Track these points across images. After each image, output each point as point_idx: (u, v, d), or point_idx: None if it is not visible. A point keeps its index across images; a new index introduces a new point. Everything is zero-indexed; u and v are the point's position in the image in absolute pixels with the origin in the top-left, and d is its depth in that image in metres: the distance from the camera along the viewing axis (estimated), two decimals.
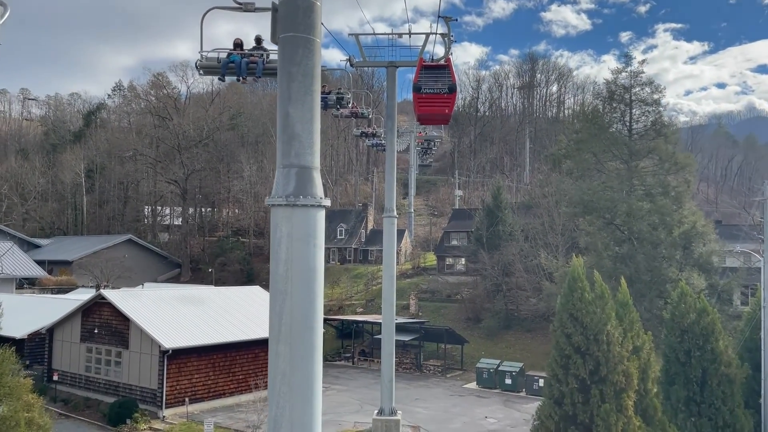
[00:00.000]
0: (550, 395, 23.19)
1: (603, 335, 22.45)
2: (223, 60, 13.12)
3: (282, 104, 7.94)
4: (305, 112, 7.84)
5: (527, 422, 32.64)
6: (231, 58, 13.04)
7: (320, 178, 8.03)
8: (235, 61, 13.02)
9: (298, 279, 7.61)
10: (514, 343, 48.59)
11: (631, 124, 39.31)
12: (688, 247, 36.54)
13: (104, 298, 35.72)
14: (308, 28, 7.89)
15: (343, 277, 68.05)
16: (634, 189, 38.22)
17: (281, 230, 7.70)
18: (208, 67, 13.24)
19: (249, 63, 12.89)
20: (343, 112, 26.14)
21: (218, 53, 13.11)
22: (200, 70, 13.39)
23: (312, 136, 7.89)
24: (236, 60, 13.03)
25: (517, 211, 58.32)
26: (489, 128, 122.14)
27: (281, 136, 7.91)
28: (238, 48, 13.25)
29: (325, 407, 32.50)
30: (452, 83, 19.54)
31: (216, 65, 13.21)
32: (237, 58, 13.02)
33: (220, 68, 13.17)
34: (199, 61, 13.21)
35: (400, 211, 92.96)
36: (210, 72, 13.42)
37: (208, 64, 13.18)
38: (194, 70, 13.30)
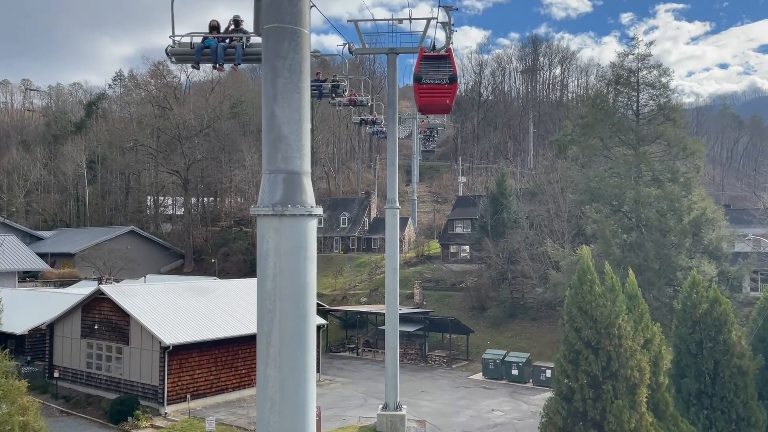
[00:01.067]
0: (559, 391, 22.57)
1: (614, 329, 21.79)
2: (197, 45, 11.56)
3: (267, 103, 7.21)
4: (293, 111, 7.11)
5: (534, 415, 32.12)
6: (206, 43, 11.52)
7: (311, 184, 7.31)
8: (211, 45, 11.49)
9: (287, 296, 6.92)
10: (520, 332, 48.00)
11: (639, 109, 38.34)
12: (697, 234, 35.75)
13: (103, 293, 35.18)
14: (294, 18, 7.14)
15: (346, 267, 67.47)
16: (641, 175, 37.34)
17: (268, 243, 7.01)
18: (180, 54, 11.71)
19: (227, 48, 11.42)
20: (341, 101, 25.27)
21: (192, 38, 11.62)
22: (171, 58, 11.73)
23: (301, 138, 7.16)
24: (212, 45, 11.51)
25: (522, 198, 57.49)
26: (492, 113, 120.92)
27: (267, 139, 7.19)
28: (215, 31, 11.74)
29: (329, 401, 32.06)
30: (453, 73, 19.43)
31: (189, 51, 11.63)
32: (213, 43, 11.49)
33: (194, 54, 11.58)
34: (170, 47, 11.56)
35: (403, 198, 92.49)
36: (183, 59, 11.84)
37: (180, 51, 11.69)
38: None
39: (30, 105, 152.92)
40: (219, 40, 11.42)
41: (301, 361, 6.93)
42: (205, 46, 11.50)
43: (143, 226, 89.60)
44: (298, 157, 7.12)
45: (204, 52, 11.48)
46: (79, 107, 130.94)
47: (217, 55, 11.35)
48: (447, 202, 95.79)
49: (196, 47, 11.53)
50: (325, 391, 36.86)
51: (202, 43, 11.56)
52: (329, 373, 41.47)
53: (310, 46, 7.69)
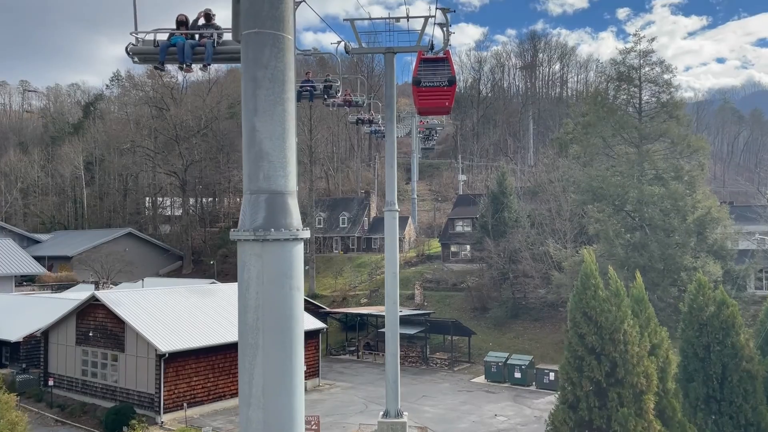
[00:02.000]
0: (564, 399, 21.96)
1: (619, 334, 21.16)
2: (162, 43, 10.14)
3: (247, 117, 6.55)
4: (275, 125, 6.46)
5: (539, 420, 31.53)
6: (172, 41, 10.17)
7: (297, 205, 6.66)
8: (177, 43, 10.12)
9: (271, 330, 6.28)
10: (522, 332, 47.39)
11: (641, 106, 37.65)
12: (702, 233, 35.09)
13: (98, 299, 34.57)
14: (276, 23, 6.49)
15: (346, 267, 66.86)
16: (644, 174, 36.68)
17: (250, 270, 6.36)
18: (142, 53, 10.21)
19: (195, 46, 10.04)
20: (335, 101, 24.59)
21: (156, 35, 10.19)
22: (134, 57, 10.21)
23: (285, 154, 6.51)
24: (179, 42, 10.13)
25: (523, 197, 56.84)
26: (491, 110, 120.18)
27: (247, 156, 6.53)
28: (183, 27, 10.42)
29: (329, 407, 31.45)
30: (452, 76, 19.42)
31: (153, 50, 10.18)
32: (180, 40, 10.14)
33: (158, 53, 10.15)
34: (131, 45, 10.05)
35: (403, 197, 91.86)
36: (146, 59, 10.36)
37: (142, 49, 10.17)
38: None
39: (28, 106, 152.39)
40: (187, 37, 10.17)
41: (287, 403, 6.29)
42: (170, 44, 10.18)
43: (142, 227, 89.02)
44: (282, 176, 6.47)
45: (170, 51, 10.16)
46: (76, 108, 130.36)
47: (184, 54, 10.02)
48: (447, 200, 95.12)
49: (160, 45, 10.14)
50: (324, 397, 36.30)
51: (167, 40, 10.22)
52: (329, 377, 40.89)
53: (294, 52, 7.04)
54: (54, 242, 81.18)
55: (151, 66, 10.50)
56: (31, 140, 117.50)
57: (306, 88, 20.19)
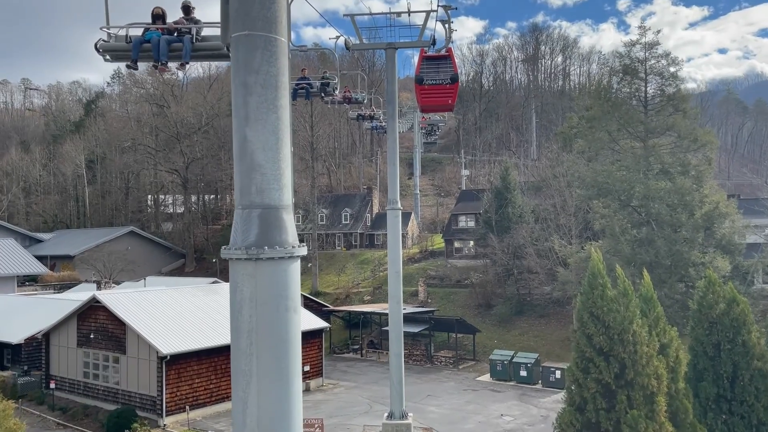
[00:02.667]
0: (571, 401, 21.52)
1: (628, 335, 20.70)
2: (135, 39, 9.19)
3: (238, 126, 6.11)
4: (268, 135, 6.01)
5: (545, 419, 31.14)
6: (146, 36, 9.25)
7: (292, 220, 6.22)
8: (152, 39, 9.16)
9: (267, 355, 5.85)
10: (528, 329, 46.95)
11: (647, 100, 37.05)
12: (709, 228, 34.56)
13: (98, 301, 34.22)
14: (268, 24, 6.03)
15: (349, 264, 66.49)
16: (650, 168, 36.12)
17: (242, 291, 5.92)
18: (114, 50, 9.25)
19: (172, 42, 9.11)
20: (334, 99, 24.06)
21: (128, 30, 9.26)
22: (104, 55, 9.24)
23: (279, 165, 6.07)
24: (153, 38, 9.17)
25: (527, 192, 56.29)
26: (494, 104, 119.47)
27: (238, 168, 6.09)
28: (159, 21, 9.53)
29: (333, 408, 31.02)
30: (454, 73, 19.46)
31: (125, 47, 9.19)
32: (155, 36, 9.18)
33: (131, 50, 9.18)
34: (102, 41, 9.08)
35: (406, 192, 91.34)
36: (117, 56, 9.40)
37: (114, 46, 9.19)
38: None
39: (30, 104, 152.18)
40: (163, 32, 9.22)
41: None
42: (144, 40, 9.19)
43: (144, 225, 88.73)
44: (276, 189, 6.02)
45: (144, 47, 9.20)
46: (78, 106, 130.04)
47: (159, 51, 9.06)
48: (450, 195, 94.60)
49: (133, 42, 9.14)
50: (328, 397, 35.95)
51: (141, 36, 9.24)
52: (333, 377, 40.53)
53: (289, 54, 6.59)
54: (56, 241, 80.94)
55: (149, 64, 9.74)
56: (33, 138, 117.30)
57: (302, 86, 19.60)
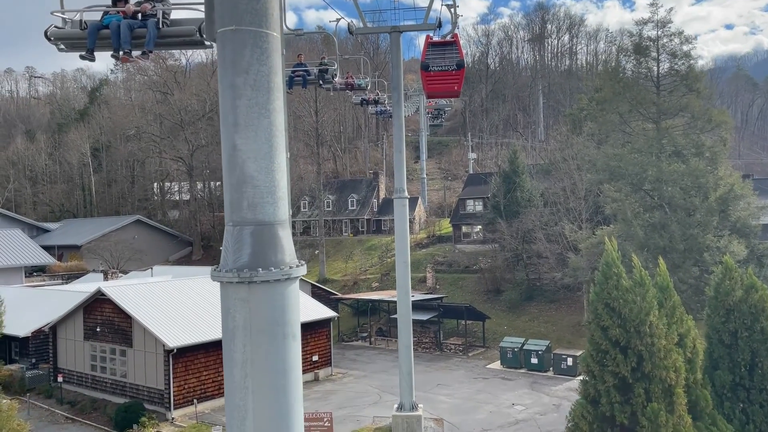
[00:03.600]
0: (585, 394, 20.99)
1: (645, 327, 20.08)
2: (91, 25, 7.84)
3: (226, 133, 5.48)
4: (260, 143, 5.37)
5: (557, 408, 30.69)
6: (104, 21, 7.95)
7: (290, 237, 5.60)
8: (110, 25, 7.85)
9: (263, 389, 5.27)
10: (538, 315, 46.41)
11: (659, 80, 36.05)
12: (724, 211, 33.74)
13: (104, 294, 33.88)
14: (259, 18, 5.37)
15: (356, 250, 66.01)
16: (663, 151, 35.22)
17: (235, 318, 5.33)
18: (68, 38, 7.87)
19: (134, 27, 7.81)
20: (335, 85, 23.23)
21: (82, 15, 7.95)
22: (58, 44, 7.90)
23: (273, 176, 5.44)
24: (112, 23, 7.86)
25: (536, 176, 55.43)
26: (500, 85, 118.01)
27: (228, 180, 5.47)
28: (121, 3, 8.13)
29: (342, 399, 30.60)
30: (460, 59, 19.35)
31: (80, 34, 7.86)
32: (114, 20, 7.89)
33: (86, 38, 7.85)
34: (53, 27, 7.81)
35: (413, 177, 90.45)
36: (73, 45, 8.01)
37: (68, 33, 7.84)
38: None
39: (35, 93, 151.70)
40: (125, 16, 7.93)
41: None
42: (102, 25, 7.90)
43: (150, 213, 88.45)
44: (271, 203, 5.40)
45: (102, 34, 7.88)
46: (82, 94, 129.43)
47: (120, 38, 7.76)
48: (457, 178, 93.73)
49: (89, 28, 7.83)
50: (337, 387, 35.62)
51: (99, 21, 7.93)
52: (341, 366, 40.20)
53: (283, 53, 5.93)
54: (63, 231, 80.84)
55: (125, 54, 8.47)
56: (39, 127, 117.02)
57: (298, 73, 18.70)
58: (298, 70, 18.87)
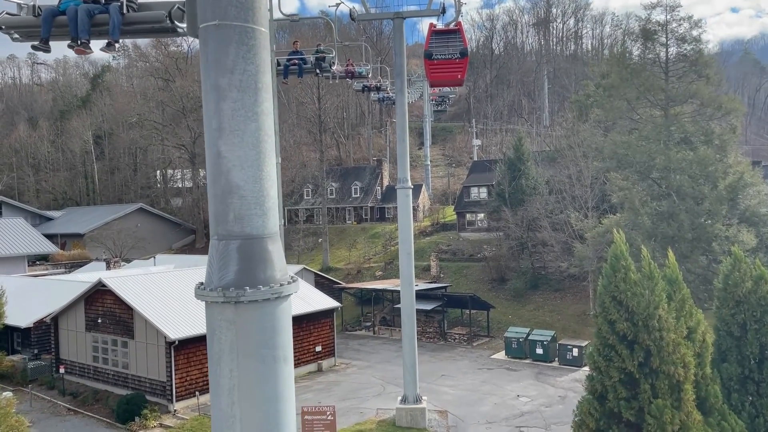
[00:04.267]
0: (592, 389, 20.59)
1: (654, 321, 19.63)
2: (45, 11, 7.02)
3: (210, 138, 5.02)
4: (247, 149, 4.92)
5: (563, 400, 30.38)
6: (61, 6, 7.04)
7: (280, 250, 5.16)
8: (68, 10, 6.98)
9: (252, 417, 4.85)
10: (543, 304, 46.03)
11: (668, 66, 35.31)
12: (733, 200, 33.15)
13: (105, 285, 33.59)
14: (244, 11, 4.88)
15: (360, 238, 65.63)
16: (671, 138, 34.57)
17: (220, 341, 4.91)
18: (20, 26, 7.09)
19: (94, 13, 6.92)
20: (335, 73, 22.60)
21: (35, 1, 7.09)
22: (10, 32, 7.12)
23: (262, 185, 4.99)
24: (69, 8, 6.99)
25: (541, 163, 54.79)
26: (505, 70, 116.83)
27: (212, 189, 5.02)
28: None
29: (346, 390, 30.29)
30: (464, 48, 19.13)
31: (34, 21, 7.09)
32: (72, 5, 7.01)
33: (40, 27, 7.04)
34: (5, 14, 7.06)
35: (416, 163, 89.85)
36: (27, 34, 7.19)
37: (20, 21, 7.08)
38: None
39: (38, 79, 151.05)
40: (84, 1, 7.03)
41: None
42: (58, 11, 7.03)
43: (153, 201, 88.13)
44: (259, 214, 4.95)
45: (58, 21, 7.03)
46: (84, 81, 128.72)
47: (78, 26, 6.87)
48: (461, 165, 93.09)
49: (42, 14, 6.99)
50: (341, 378, 35.38)
51: (55, 7, 7.08)
52: (345, 356, 39.95)
53: (273, 49, 5.44)
54: (66, 219, 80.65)
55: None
56: (41, 114, 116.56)
57: (293, 61, 17.93)
58: (293, 58, 18.17)
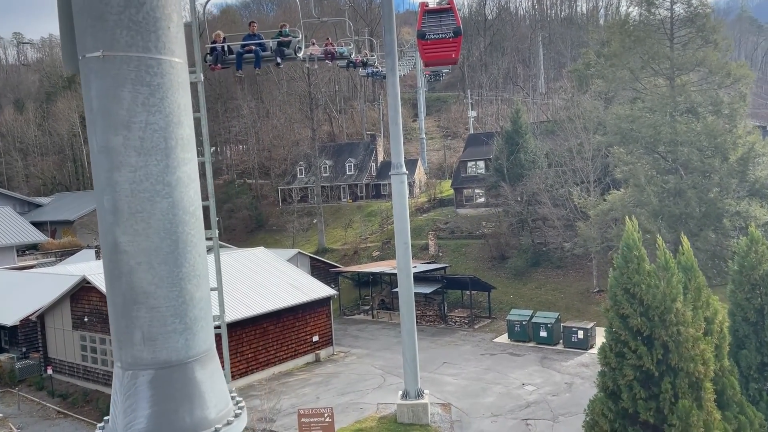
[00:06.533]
0: (604, 387, 19.35)
1: (671, 315, 18.29)
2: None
3: (103, 222, 3.48)
4: (157, 238, 3.37)
5: (570, 387, 29.29)
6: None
7: (218, 372, 3.66)
8: None
9: None
10: (545, 282, 44.79)
11: (673, 32, 33.42)
12: (743, 172, 31.64)
13: (89, 282, 32.16)
14: (143, 35, 3.28)
15: (356, 217, 64.15)
16: (678, 109, 32.88)
17: None
18: None
19: None
20: (313, 55, 20.49)
21: None
22: None
23: (183, 287, 3.46)
24: None
25: (539, 136, 53.03)
26: (499, 37, 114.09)
27: (111, 296, 3.49)
28: None
29: (345, 382, 28.88)
30: (457, 26, 18.40)
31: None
32: None
33: None
34: None
35: (411, 136, 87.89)
36: None
37: None
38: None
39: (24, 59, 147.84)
40: None
41: None
42: None
43: None
44: (180, 330, 3.44)
45: None
46: None
47: None
48: (457, 136, 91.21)
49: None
50: (340, 369, 34.24)
51: None
52: (344, 343, 38.81)
53: (201, 80, 3.92)
54: (55, 206, 78.97)
55: None
56: (27, 96, 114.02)
57: (249, 48, 14.35)
58: (249, 44, 14.62)
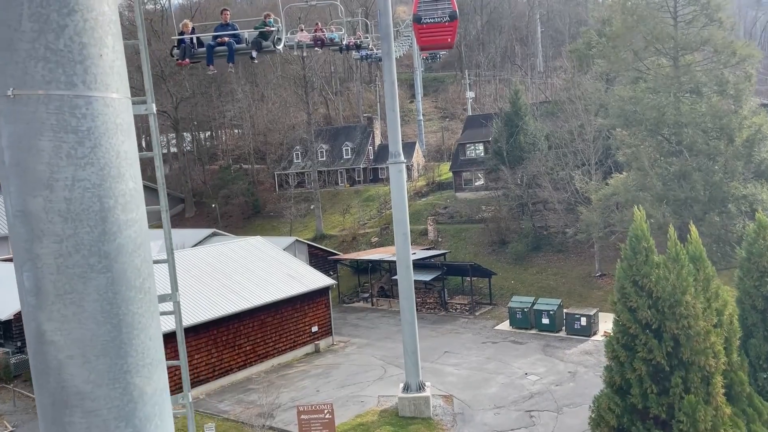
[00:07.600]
0: (611, 382, 18.87)
1: (681, 307, 17.71)
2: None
3: (26, 305, 2.77)
4: (93, 324, 2.66)
5: (573, 377, 28.85)
6: None
7: None
8: None
9: None
10: (546, 267, 44.24)
11: (676, 10, 32.47)
12: (749, 154, 30.91)
13: None
14: (68, 66, 2.55)
15: (354, 202, 63.45)
16: (682, 89, 32.06)
17: None
18: None
19: None
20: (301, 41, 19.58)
21: None
22: None
23: (129, 381, 2.76)
24: None
25: (539, 117, 52.12)
26: (496, 15, 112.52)
27: (39, 395, 2.80)
28: None
29: (345, 374, 28.32)
30: (453, 10, 18.22)
31: None
32: None
33: None
34: None
35: (408, 118, 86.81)
36: None
37: None
38: None
39: None
40: None
41: None
42: None
43: None
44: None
45: None
46: None
47: None
48: (455, 117, 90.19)
49: None
50: (339, 359, 33.78)
51: None
52: (343, 333, 38.32)
53: (154, 113, 3.20)
54: None
55: None
56: None
57: (221, 40, 12.83)
58: (222, 35, 12.99)
